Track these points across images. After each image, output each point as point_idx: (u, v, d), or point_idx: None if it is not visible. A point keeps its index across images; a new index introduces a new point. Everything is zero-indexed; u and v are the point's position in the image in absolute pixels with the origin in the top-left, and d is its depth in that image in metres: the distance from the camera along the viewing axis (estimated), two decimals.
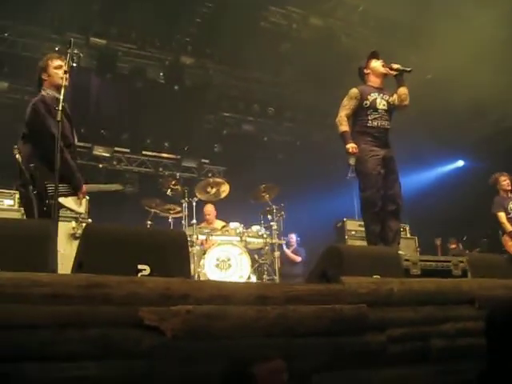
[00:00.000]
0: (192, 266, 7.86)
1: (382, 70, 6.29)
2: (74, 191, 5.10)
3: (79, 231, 7.23)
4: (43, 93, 5.11)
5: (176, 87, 12.58)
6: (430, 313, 4.01)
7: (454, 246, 12.17)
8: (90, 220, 7.63)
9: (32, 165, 4.86)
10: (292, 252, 10.76)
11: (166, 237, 3.70)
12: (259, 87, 13.70)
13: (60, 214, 5.12)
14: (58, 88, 5.00)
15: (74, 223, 7.32)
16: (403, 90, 6.27)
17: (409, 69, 6.27)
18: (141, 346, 2.78)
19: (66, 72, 4.96)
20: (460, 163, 14.57)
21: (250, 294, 3.26)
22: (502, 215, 8.64)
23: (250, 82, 13.58)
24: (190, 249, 8.11)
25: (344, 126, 6.11)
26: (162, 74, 12.79)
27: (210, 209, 9.34)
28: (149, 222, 8.63)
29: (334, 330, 3.38)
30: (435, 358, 3.91)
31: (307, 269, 10.33)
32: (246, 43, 11.41)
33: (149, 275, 3.26)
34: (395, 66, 6.26)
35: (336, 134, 6.26)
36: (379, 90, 6.26)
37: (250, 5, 11.17)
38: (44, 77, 5.22)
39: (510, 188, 8.77)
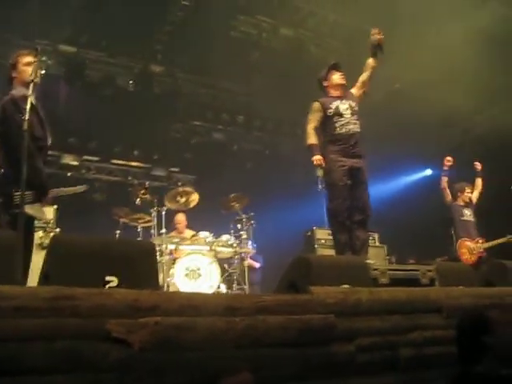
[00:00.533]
0: (161, 276, 7.83)
1: (340, 82, 6.39)
2: (40, 198, 4.96)
3: (47, 241, 7.12)
4: (13, 92, 4.93)
5: (145, 95, 12.53)
6: (398, 322, 4.04)
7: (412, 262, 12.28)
8: (57, 229, 7.53)
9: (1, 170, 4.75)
10: (250, 258, 10.68)
11: (134, 247, 3.69)
12: (228, 96, 13.73)
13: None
14: (28, 86, 4.74)
15: (41, 233, 7.20)
16: (370, 62, 6.54)
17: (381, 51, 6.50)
18: (109, 359, 2.75)
19: (32, 81, 4.83)
20: (428, 172, 14.70)
21: (219, 305, 3.26)
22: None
23: (220, 90, 13.61)
24: (160, 258, 8.07)
25: (311, 139, 6.20)
26: (131, 82, 12.72)
27: (180, 218, 9.30)
28: (118, 232, 8.56)
29: (301, 341, 3.39)
30: (403, 366, 3.94)
31: (265, 276, 10.35)
32: (215, 52, 11.40)
33: (117, 287, 3.25)
34: (377, 36, 6.46)
35: (304, 144, 6.33)
36: (340, 97, 6.35)
37: (219, 14, 11.18)
38: (14, 74, 5.02)
39: (468, 201, 9.11)
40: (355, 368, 3.59)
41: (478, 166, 9.32)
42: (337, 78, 6.42)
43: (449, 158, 9.10)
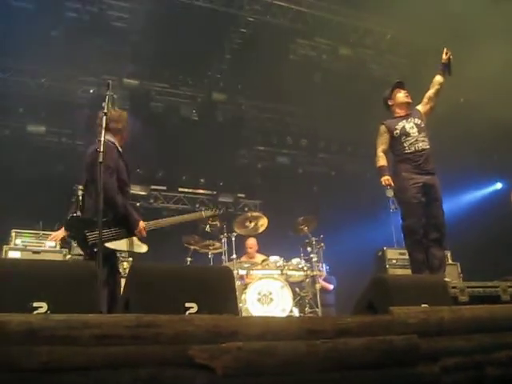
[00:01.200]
0: None
1: (405, 100, 6.36)
2: (130, 233, 5.09)
3: (120, 270, 7.27)
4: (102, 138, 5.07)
5: (209, 123, 12.68)
6: (483, 341, 3.90)
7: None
8: (130, 259, 7.66)
9: (70, 216, 4.92)
10: (323, 280, 10.55)
11: (212, 273, 3.70)
12: (292, 119, 13.77)
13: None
14: (113, 132, 5.15)
15: None
16: (438, 79, 6.54)
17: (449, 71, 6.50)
18: None
19: (105, 114, 4.96)
20: (498, 186, 14.32)
21: (299, 328, 3.22)
22: None
23: (282, 114, 13.66)
24: None
25: (380, 162, 6.22)
26: (194, 111, 12.91)
27: (252, 242, 9.33)
28: (188, 259, 8.64)
29: (385, 362, 3.30)
30: None
31: (338, 297, 10.22)
32: (276, 76, 11.47)
33: (196, 313, 3.25)
34: (446, 56, 6.43)
35: (370, 164, 6.37)
36: (405, 116, 6.30)
37: (277, 38, 11.28)
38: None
39: None
40: None
41: None
42: (401, 96, 6.42)
43: None
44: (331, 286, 10.51)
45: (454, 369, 3.65)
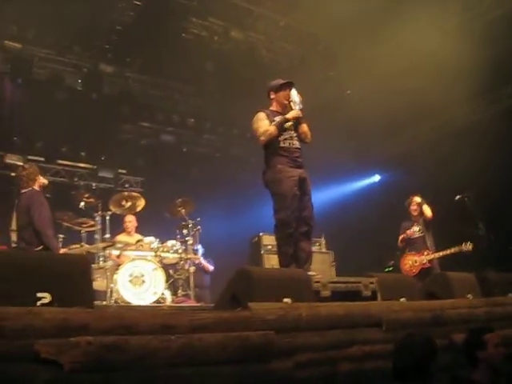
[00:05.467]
0: (105, 282, 7.70)
1: (286, 102, 6.23)
2: None
3: None
4: None
5: (94, 95, 12.31)
6: (338, 337, 4.04)
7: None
8: None
9: None
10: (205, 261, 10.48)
11: (68, 262, 3.57)
12: (179, 98, 13.64)
13: None
14: None
15: None
16: (303, 128, 6.28)
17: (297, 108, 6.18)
18: (37, 381, 2.66)
19: None
20: (376, 178, 14.78)
21: (154, 323, 3.19)
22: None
23: (170, 92, 13.49)
24: (103, 264, 7.95)
25: (270, 126, 6.06)
26: (80, 81, 12.50)
27: (131, 219, 9.14)
28: (61, 236, 8.33)
29: (240, 358, 3.34)
30: (343, 381, 3.94)
31: (213, 280, 10.23)
32: (167, 53, 11.30)
33: (49, 303, 3.13)
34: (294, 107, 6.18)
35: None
36: (283, 114, 6.22)
37: (172, 15, 11.10)
38: None
39: (416, 213, 9.12)
40: None
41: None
42: (285, 96, 6.24)
43: None
44: (212, 268, 10.47)
45: (307, 364, 3.76)
